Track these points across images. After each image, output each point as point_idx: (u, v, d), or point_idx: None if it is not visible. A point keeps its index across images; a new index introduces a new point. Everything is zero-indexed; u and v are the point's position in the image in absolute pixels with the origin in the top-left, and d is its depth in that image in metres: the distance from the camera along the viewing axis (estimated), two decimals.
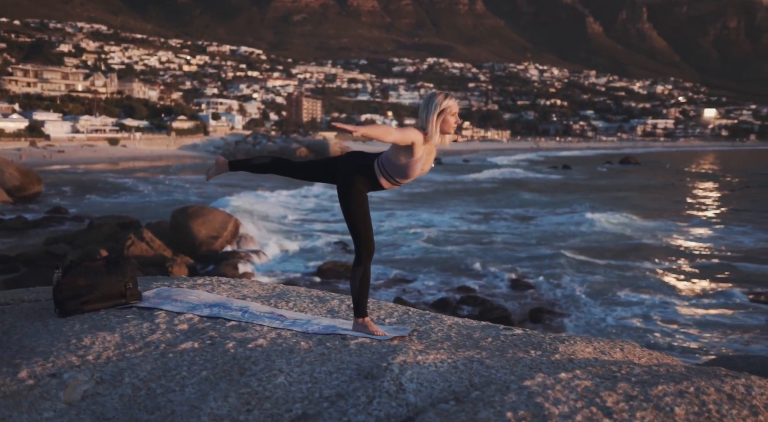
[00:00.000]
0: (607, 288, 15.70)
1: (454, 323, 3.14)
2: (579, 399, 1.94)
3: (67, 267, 3.03)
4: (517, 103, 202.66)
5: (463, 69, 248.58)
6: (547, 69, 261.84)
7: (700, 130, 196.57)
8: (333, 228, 24.16)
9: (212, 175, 3.30)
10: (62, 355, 2.42)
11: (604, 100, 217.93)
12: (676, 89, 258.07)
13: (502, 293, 15.78)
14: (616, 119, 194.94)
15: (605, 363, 2.27)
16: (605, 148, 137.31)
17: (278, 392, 2.18)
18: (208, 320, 2.93)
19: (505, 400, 1.95)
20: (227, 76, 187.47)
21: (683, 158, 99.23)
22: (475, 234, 23.67)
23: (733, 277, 17.11)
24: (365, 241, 2.93)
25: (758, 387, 2.03)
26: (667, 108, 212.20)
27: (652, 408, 1.87)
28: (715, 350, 11.76)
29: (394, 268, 17.86)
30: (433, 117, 2.84)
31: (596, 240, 22.40)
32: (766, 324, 13.29)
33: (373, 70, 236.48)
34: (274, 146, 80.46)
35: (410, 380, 2.21)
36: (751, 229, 25.15)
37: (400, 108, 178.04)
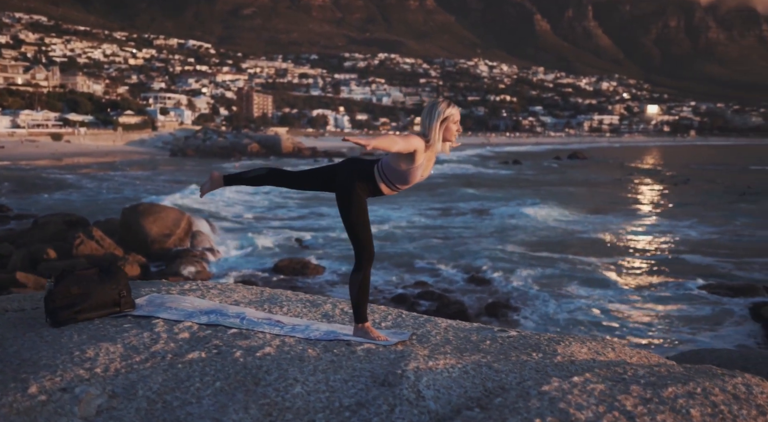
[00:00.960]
0: (559, 282, 16.02)
1: (449, 325, 3.18)
2: (599, 403, 2.00)
3: (59, 275, 2.95)
4: (467, 98, 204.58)
5: (414, 64, 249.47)
6: (497, 65, 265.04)
7: (644, 125, 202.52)
8: (288, 225, 24.04)
9: (206, 190, 3.23)
10: (69, 368, 2.37)
11: (552, 96, 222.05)
12: (621, 86, 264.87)
13: (457, 288, 15.94)
14: (564, 115, 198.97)
15: (608, 365, 2.34)
16: (554, 143, 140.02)
17: (298, 402, 2.18)
18: (208, 328, 2.91)
19: (529, 407, 1.99)
20: (175, 71, 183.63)
21: (628, 153, 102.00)
22: (431, 230, 23.88)
23: (682, 269, 17.65)
24: (365, 247, 2.94)
25: (755, 385, 2.12)
26: (612, 104, 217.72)
27: (669, 410, 1.94)
28: (669, 342, 12.15)
29: (350, 264, 17.88)
30: (435, 124, 2.86)
31: (547, 234, 22.87)
32: (712, 314, 13.81)
33: (324, 65, 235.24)
34: (224, 141, 79.24)
35: (427, 387, 2.23)
36: (696, 223, 26.04)
37: (352, 103, 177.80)
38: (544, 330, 13.10)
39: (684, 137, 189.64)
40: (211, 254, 18.43)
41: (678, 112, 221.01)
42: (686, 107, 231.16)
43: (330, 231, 22.66)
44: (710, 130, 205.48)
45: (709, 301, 14.84)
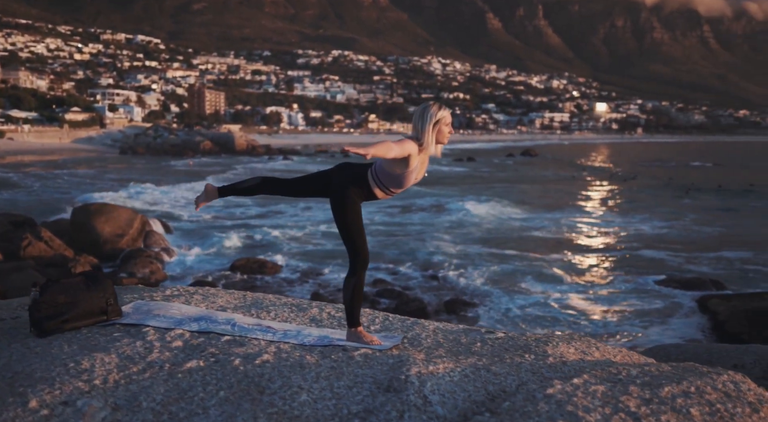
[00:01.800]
0: (514, 279, 16.23)
1: (436, 328, 3.20)
2: (604, 405, 2.05)
3: (44, 284, 2.87)
4: (421, 96, 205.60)
5: (368, 62, 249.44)
6: (450, 63, 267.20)
7: (593, 123, 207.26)
8: (242, 224, 23.76)
9: (202, 202, 3.22)
10: (66, 381, 2.31)
11: (504, 93, 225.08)
12: (571, 84, 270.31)
13: (416, 285, 16.01)
14: (516, 112, 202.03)
15: (601, 365, 2.39)
16: (506, 140, 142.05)
17: (306, 410, 2.17)
18: (200, 335, 2.87)
19: (539, 410, 2.02)
20: (123, 66, 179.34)
21: (579, 150, 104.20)
22: (389, 227, 23.95)
23: (634, 264, 18.08)
24: (359, 252, 2.95)
25: (741, 383, 2.17)
26: (563, 102, 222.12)
27: (671, 410, 2.00)
28: (623, 336, 12.44)
29: (309, 262, 17.80)
30: (428, 127, 2.87)
31: (502, 231, 23.17)
32: (663, 308, 14.20)
33: (277, 62, 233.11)
34: (176, 139, 77.74)
35: (432, 392, 2.25)
36: (647, 218, 26.76)
37: (305, 100, 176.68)
38: (502, 326, 13.29)
39: (631, 134, 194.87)
40: (166, 254, 18.08)
41: (625, 110, 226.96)
42: (633, 105, 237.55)
43: (288, 230, 22.50)
44: (656, 127, 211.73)
45: (660, 295, 15.25)
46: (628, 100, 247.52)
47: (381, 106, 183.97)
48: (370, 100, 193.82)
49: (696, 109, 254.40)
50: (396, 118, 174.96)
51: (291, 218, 25.78)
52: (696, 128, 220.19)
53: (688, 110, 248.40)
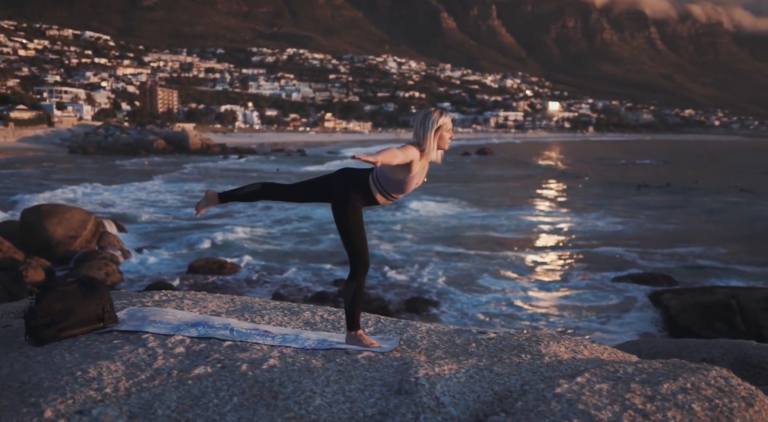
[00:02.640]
0: (472, 276, 16.41)
1: (429, 329, 3.26)
2: (612, 403, 2.11)
3: (40, 292, 2.82)
4: (377, 94, 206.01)
5: (323, 60, 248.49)
6: (405, 62, 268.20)
7: (546, 122, 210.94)
8: (200, 224, 23.38)
9: (202, 208, 3.20)
10: (77, 390, 2.29)
11: (459, 92, 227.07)
12: (524, 83, 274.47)
13: (376, 284, 16.04)
14: (471, 111, 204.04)
15: (597, 364, 2.44)
16: (462, 139, 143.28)
17: (323, 414, 2.19)
18: (201, 341, 2.86)
19: (552, 409, 2.07)
20: (71, 63, 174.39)
21: (533, 148, 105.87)
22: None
23: (590, 260, 18.47)
24: (360, 257, 2.97)
25: (730, 378, 2.26)
26: (517, 101, 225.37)
27: (674, 407, 2.08)
28: (586, 331, 12.68)
29: (268, 262, 17.68)
30: (430, 134, 2.90)
31: (460, 229, 23.37)
32: (619, 303, 14.54)
33: (231, 60, 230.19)
34: (128, 138, 75.97)
35: (443, 393, 2.28)
36: (602, 215, 27.36)
37: (260, 98, 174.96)
38: (462, 323, 13.41)
39: (583, 133, 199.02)
40: (121, 256, 17.67)
41: (577, 109, 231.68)
42: (584, 104, 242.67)
43: (247, 230, 22.26)
44: (606, 126, 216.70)
45: (615, 290, 15.61)
46: (579, 100, 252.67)
47: (337, 105, 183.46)
48: (325, 99, 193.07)
49: (644, 108, 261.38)
50: (352, 117, 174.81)
51: (250, 218, 25.51)
52: (644, 127, 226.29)
53: (637, 109, 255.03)
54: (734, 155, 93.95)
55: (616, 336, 12.12)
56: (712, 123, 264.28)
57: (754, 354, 4.39)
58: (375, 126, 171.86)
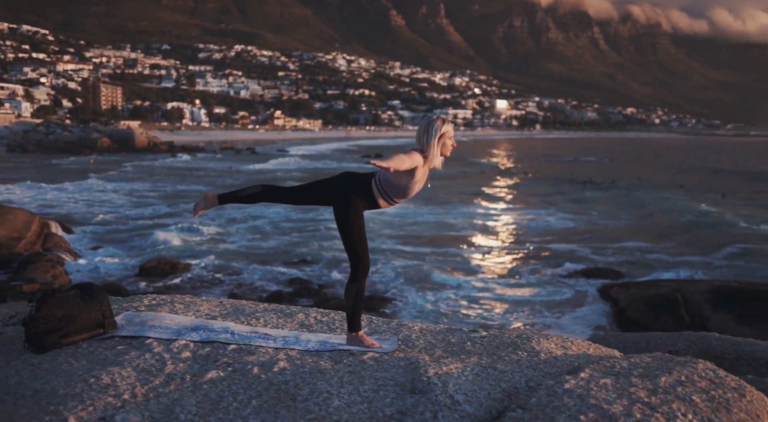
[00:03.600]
0: (427, 274, 16.55)
1: (421, 329, 3.32)
2: (619, 396, 2.20)
3: (40, 299, 2.78)
4: (327, 92, 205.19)
5: (272, 57, 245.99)
6: (355, 59, 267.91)
7: (495, 120, 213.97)
8: (151, 224, 22.90)
9: (201, 210, 3.19)
10: (94, 396, 2.28)
11: (408, 90, 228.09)
12: (472, 81, 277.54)
13: (331, 282, 16.04)
14: (421, 109, 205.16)
15: (595, 360, 2.49)
16: (412, 136, 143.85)
17: (343, 415, 2.22)
18: (204, 345, 2.87)
19: (566, 404, 2.15)
20: (7, 58, 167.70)
21: (483, 146, 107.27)
22: (300, 224, 23.77)
23: (543, 256, 18.85)
24: (361, 259, 3.01)
25: (716, 370, 2.37)
26: (465, 99, 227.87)
27: (677, 399, 2.19)
28: (543, 326, 12.92)
29: (221, 261, 17.46)
30: (434, 141, 2.98)
31: (413, 227, 23.48)
32: (571, 297, 14.89)
33: (177, 56, 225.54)
34: (70, 136, 73.58)
35: (456, 391, 2.34)
36: (553, 211, 27.91)
37: (208, 96, 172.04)
38: (420, 321, 13.51)
39: (531, 131, 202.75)
40: (68, 257, 17.13)
41: (524, 107, 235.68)
42: (531, 102, 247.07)
43: (199, 229, 21.88)
44: (553, 124, 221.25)
45: (567, 285, 15.99)
46: (526, 98, 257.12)
47: (286, 102, 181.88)
48: (275, 96, 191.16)
49: (589, 106, 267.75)
50: (302, 115, 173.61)
51: (201, 217, 25.05)
52: (589, 125, 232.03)
53: (582, 108, 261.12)
54: (673, 152, 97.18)
55: (571, 330, 12.41)
56: (652, 121, 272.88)
57: (717, 345, 4.59)
58: (325, 123, 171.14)
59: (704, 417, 2.13)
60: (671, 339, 4.81)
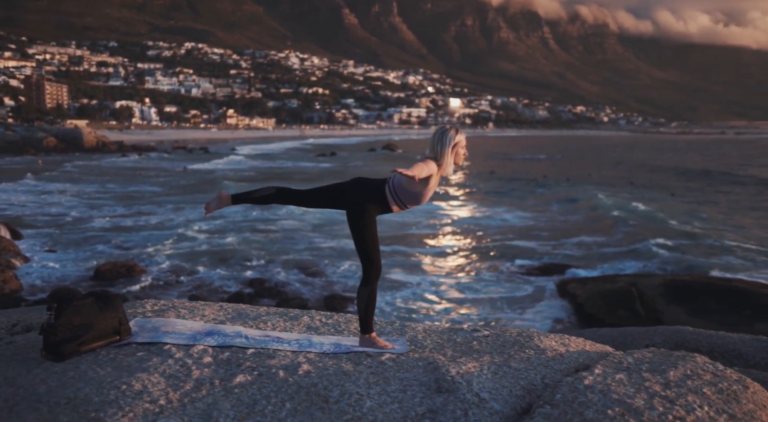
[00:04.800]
0: (388, 273, 16.52)
1: (424, 329, 3.37)
2: (637, 391, 2.31)
3: (58, 307, 2.79)
4: (280, 90, 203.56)
5: (223, 55, 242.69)
6: (308, 57, 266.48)
7: (448, 118, 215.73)
8: (106, 226, 22.31)
9: (213, 208, 3.22)
10: (131, 403, 2.30)
11: (362, 89, 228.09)
12: (426, 80, 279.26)
13: (292, 282, 15.92)
14: (375, 108, 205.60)
15: (600, 356, 2.53)
16: (367, 135, 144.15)
17: (378, 415, 2.27)
18: (223, 349, 2.91)
19: (591, 400, 2.24)
20: None
21: None
22: (259, 223, 23.52)
23: (502, 253, 19.05)
24: (374, 263, 3.09)
25: (713, 363, 2.45)
26: (419, 97, 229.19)
27: (690, 392, 2.29)
28: (505, 322, 13.06)
29: (179, 262, 17.13)
30: (447, 150, 3.08)
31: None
32: (531, 293, 15.10)
33: (125, 54, 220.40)
34: (14, 135, 71.03)
35: (481, 389, 2.42)
36: (511, 209, 28.29)
37: (158, 94, 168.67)
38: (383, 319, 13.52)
39: (484, 129, 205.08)
40: (19, 262, 16.53)
41: (477, 106, 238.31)
42: (484, 101, 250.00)
43: (162, 230, 21.44)
44: (505, 122, 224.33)
45: (526, 281, 16.21)
46: (479, 96, 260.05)
47: (239, 101, 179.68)
48: (227, 95, 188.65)
49: (540, 105, 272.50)
50: (255, 113, 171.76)
51: (158, 217, 24.60)
52: (541, 123, 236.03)
53: (533, 106, 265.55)
54: (622, 150, 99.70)
55: (534, 325, 12.59)
56: (601, 119, 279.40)
57: (692, 338, 4.74)
58: (279, 122, 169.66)
59: (719, 409, 2.22)
60: (648, 334, 4.95)
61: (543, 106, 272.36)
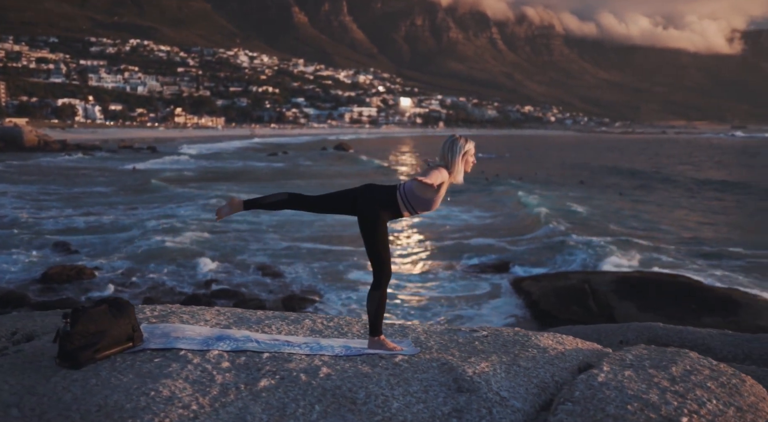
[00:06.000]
0: (343, 273, 16.54)
1: (424, 330, 3.45)
2: (649, 387, 2.40)
3: (73, 315, 2.80)
4: (229, 89, 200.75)
5: (170, 52, 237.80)
6: (257, 56, 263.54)
7: (399, 117, 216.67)
8: (54, 228, 21.58)
9: (225, 214, 3.25)
10: (164, 409, 2.32)
11: (313, 88, 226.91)
12: (376, 79, 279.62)
13: (248, 283, 15.75)
14: (326, 107, 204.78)
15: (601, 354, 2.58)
16: (318, 134, 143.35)
17: (407, 415, 2.32)
18: (237, 354, 2.94)
19: (609, 396, 2.32)
20: None
21: (389, 143, 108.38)
22: (212, 223, 23.15)
23: (459, 251, 19.24)
24: (385, 268, 3.16)
25: (706, 358, 2.52)
26: (370, 97, 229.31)
27: (696, 386, 2.42)
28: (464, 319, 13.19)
29: (132, 262, 16.74)
30: (458, 159, 3.20)
31: (329, 226, 23.37)
32: (488, 291, 15.31)
33: (66, 50, 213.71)
34: None
35: (499, 388, 2.49)
36: (470, 208, 28.58)
37: (102, 92, 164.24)
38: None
39: (434, 128, 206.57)
40: None
41: (428, 105, 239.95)
42: (434, 100, 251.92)
43: (114, 233, 20.85)
44: (455, 121, 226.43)
45: (482, 278, 16.43)
46: (429, 96, 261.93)
47: (187, 99, 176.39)
48: (174, 93, 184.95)
49: (489, 104, 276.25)
50: (204, 112, 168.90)
51: (109, 218, 23.95)
52: (490, 122, 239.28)
53: (483, 106, 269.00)
54: (569, 149, 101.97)
55: (491, 322, 12.77)
56: (548, 119, 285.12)
57: (663, 334, 4.91)
58: (228, 121, 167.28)
59: (726, 402, 2.34)
60: (621, 330, 5.12)
61: (492, 105, 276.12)
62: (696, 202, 33.67)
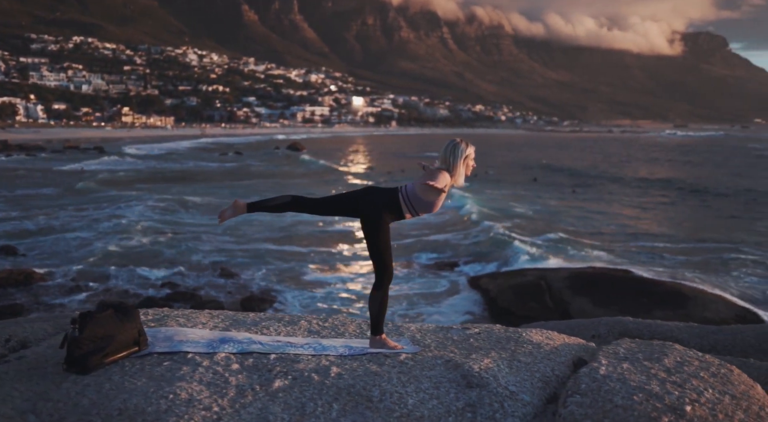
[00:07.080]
0: (302, 273, 16.54)
1: (417, 328, 3.50)
2: (649, 378, 2.49)
3: (81, 321, 2.81)
4: (178, 88, 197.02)
5: (116, 50, 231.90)
6: (207, 54, 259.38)
7: (352, 117, 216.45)
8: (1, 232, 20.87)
9: (228, 216, 3.24)
10: (186, 411, 2.34)
11: (264, 87, 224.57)
12: (328, 78, 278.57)
13: (204, 284, 15.58)
14: (278, 106, 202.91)
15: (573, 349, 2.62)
16: (270, 133, 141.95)
17: (424, 411, 2.37)
18: (245, 356, 2.96)
19: (614, 388, 2.39)
20: None
21: (342, 143, 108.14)
22: (167, 225, 22.77)
23: (417, 249, 19.39)
24: (387, 269, 3.23)
25: (694, 350, 2.60)
26: (322, 96, 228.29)
27: (692, 377, 2.55)
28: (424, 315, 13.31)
29: (86, 265, 16.35)
30: (459, 162, 3.26)
31: (284, 227, 23.23)
32: (447, 289, 15.49)
33: (5, 47, 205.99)
34: None
35: (507, 383, 2.54)
36: None
37: (44, 90, 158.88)
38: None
39: (387, 127, 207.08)
40: None
41: (380, 104, 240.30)
42: (386, 99, 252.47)
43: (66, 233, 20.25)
44: (408, 120, 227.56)
45: (440, 276, 16.62)
46: (381, 95, 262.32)
47: (135, 98, 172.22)
48: (121, 92, 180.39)
49: (440, 104, 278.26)
50: (152, 111, 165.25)
51: (54, 221, 23.27)
52: (442, 121, 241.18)
53: (434, 105, 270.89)
54: (517, 147, 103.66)
55: (451, 319, 12.92)
56: (499, 118, 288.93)
57: (633, 327, 5.06)
58: (178, 121, 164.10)
59: (721, 390, 2.45)
60: (593, 325, 5.26)
61: (444, 105, 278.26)
62: (636, 199, 34.71)
